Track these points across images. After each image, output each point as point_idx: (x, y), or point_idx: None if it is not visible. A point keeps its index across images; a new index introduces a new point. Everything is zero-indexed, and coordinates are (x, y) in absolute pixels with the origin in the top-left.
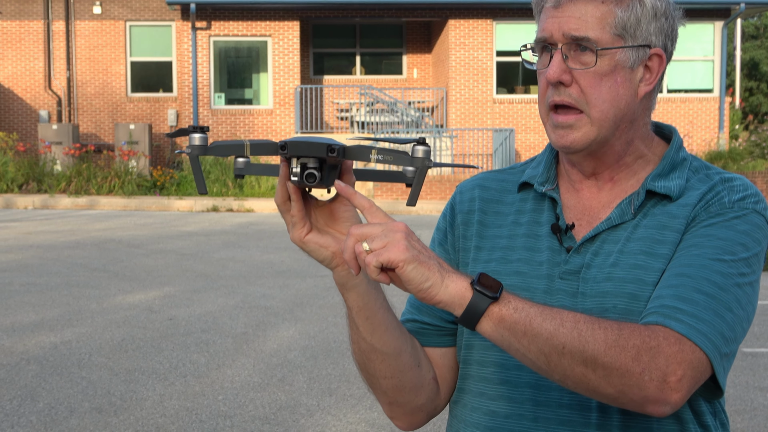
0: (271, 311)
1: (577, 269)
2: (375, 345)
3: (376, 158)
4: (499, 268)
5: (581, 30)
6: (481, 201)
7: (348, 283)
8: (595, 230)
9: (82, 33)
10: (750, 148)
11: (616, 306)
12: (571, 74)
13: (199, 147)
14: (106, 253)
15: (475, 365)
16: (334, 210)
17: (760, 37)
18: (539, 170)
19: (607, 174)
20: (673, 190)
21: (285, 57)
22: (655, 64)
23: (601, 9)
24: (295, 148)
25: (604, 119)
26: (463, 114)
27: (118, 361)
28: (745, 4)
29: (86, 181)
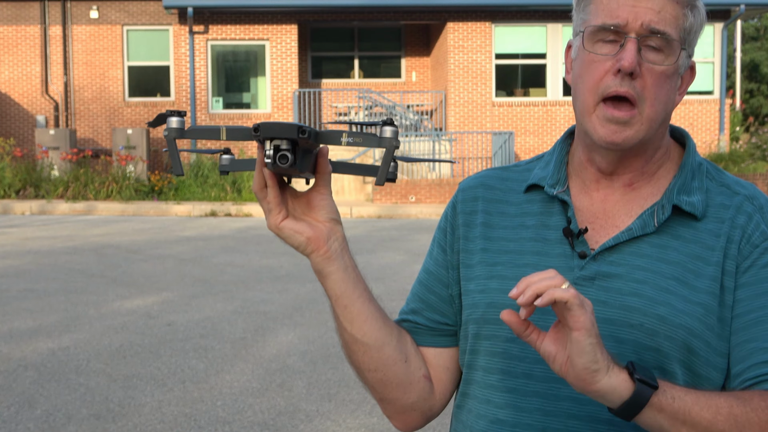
0: (270, 316)
1: (592, 276)
2: (355, 335)
3: (347, 141)
4: (506, 272)
5: (661, 24)
6: (485, 201)
7: (324, 269)
8: (614, 240)
9: (79, 37)
10: (750, 150)
11: (643, 324)
12: (641, 67)
13: (177, 130)
14: (104, 259)
15: (480, 371)
16: (310, 198)
17: (760, 38)
18: (549, 171)
19: (627, 177)
20: (698, 207)
21: (283, 61)
22: (687, 75)
23: (677, 9)
24: (267, 129)
25: (655, 120)
26: (462, 117)
27: (116, 367)
28: (745, 5)
29: (84, 187)
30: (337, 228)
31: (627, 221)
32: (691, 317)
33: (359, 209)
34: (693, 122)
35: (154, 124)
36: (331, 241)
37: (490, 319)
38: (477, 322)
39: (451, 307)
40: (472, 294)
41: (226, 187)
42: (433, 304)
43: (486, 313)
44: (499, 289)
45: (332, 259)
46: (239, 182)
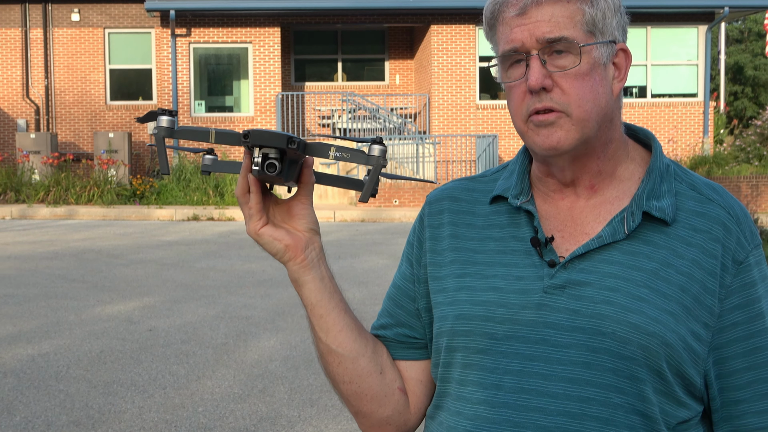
0: (252, 321)
1: (563, 284)
2: (330, 345)
3: (334, 155)
4: (474, 284)
5: (555, 31)
6: (451, 213)
7: (301, 278)
8: (585, 247)
9: (60, 41)
10: (735, 152)
11: (615, 333)
12: (551, 78)
13: (166, 129)
14: (85, 264)
15: (454, 383)
16: (291, 207)
17: (744, 41)
18: (512, 181)
19: (587, 180)
20: (668, 213)
21: (266, 64)
22: (621, 60)
23: (569, 8)
24: (257, 137)
25: (587, 118)
26: (446, 120)
27: (97, 374)
28: (729, 8)
29: (65, 191)
30: (316, 238)
31: (596, 227)
32: (664, 326)
33: (343, 213)
34: (677, 125)
35: (143, 120)
36: (309, 250)
37: (459, 330)
38: (447, 335)
39: (418, 320)
40: (442, 306)
41: (208, 191)
42: (402, 319)
43: (455, 325)
44: (468, 301)
45: (309, 268)
46: (222, 186)
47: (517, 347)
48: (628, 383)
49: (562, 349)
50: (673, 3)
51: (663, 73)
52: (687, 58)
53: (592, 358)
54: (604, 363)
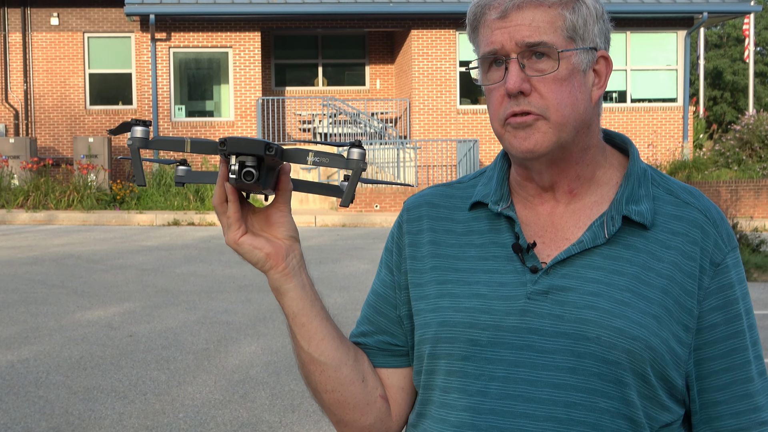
0: (233, 327)
1: (546, 290)
2: (312, 354)
3: (312, 161)
4: (457, 290)
5: (535, 36)
6: (430, 219)
7: (282, 287)
8: (566, 253)
9: (40, 45)
10: (714, 157)
11: (600, 337)
12: (530, 82)
13: (141, 140)
14: (65, 269)
15: (437, 391)
16: (270, 215)
17: (723, 46)
18: (491, 187)
19: (566, 185)
20: (647, 217)
21: (246, 68)
22: (602, 67)
23: (550, 13)
24: (234, 144)
25: (565, 123)
26: (427, 125)
27: (77, 380)
28: (708, 13)
29: (44, 196)
30: (296, 246)
31: (577, 233)
32: (647, 329)
33: (324, 218)
34: (657, 129)
35: (116, 132)
36: (290, 258)
37: (443, 337)
38: (431, 342)
39: (400, 327)
40: (424, 313)
41: (189, 196)
42: (382, 326)
43: (439, 332)
44: (452, 308)
45: (290, 277)
46: (202, 191)
47: (502, 353)
48: (614, 388)
49: (547, 355)
50: (652, 8)
51: (642, 78)
52: (666, 63)
53: (577, 363)
54: (589, 368)
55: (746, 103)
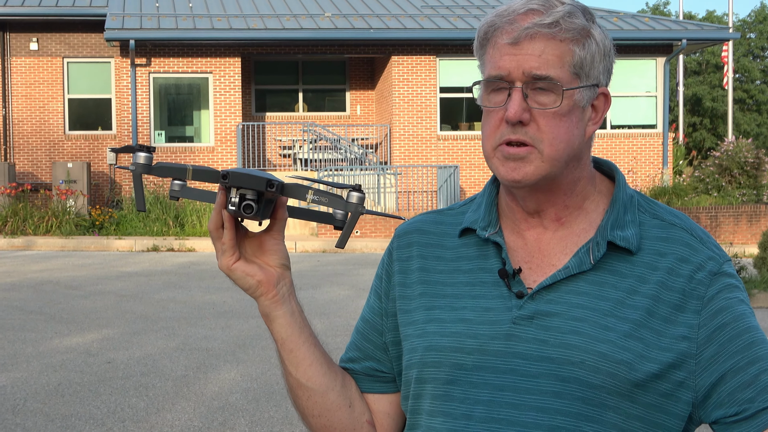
0: (213, 353)
1: (531, 315)
2: (300, 380)
3: (312, 199)
4: (444, 316)
5: (542, 69)
6: (420, 246)
7: (272, 313)
8: (552, 279)
9: (19, 70)
10: (694, 183)
11: (584, 362)
12: (530, 113)
13: (144, 165)
14: (43, 295)
15: (424, 415)
16: (263, 242)
17: (702, 72)
18: (480, 213)
19: (553, 213)
20: (632, 242)
21: (226, 94)
22: (600, 103)
23: (561, 47)
24: (236, 179)
25: (557, 158)
26: (407, 151)
27: (54, 407)
28: (687, 40)
29: (23, 221)
30: (287, 273)
31: (563, 259)
32: (632, 352)
33: (304, 243)
34: (637, 156)
35: (119, 151)
36: (281, 285)
37: (429, 362)
38: (417, 366)
39: (386, 354)
40: (411, 338)
41: (168, 222)
42: (370, 353)
43: (425, 357)
44: (437, 332)
45: (280, 303)
46: (182, 217)
47: (487, 377)
48: (598, 411)
49: (532, 379)
50: (631, 35)
51: (622, 105)
52: (646, 90)
53: (561, 388)
54: (574, 392)
55: (725, 129)
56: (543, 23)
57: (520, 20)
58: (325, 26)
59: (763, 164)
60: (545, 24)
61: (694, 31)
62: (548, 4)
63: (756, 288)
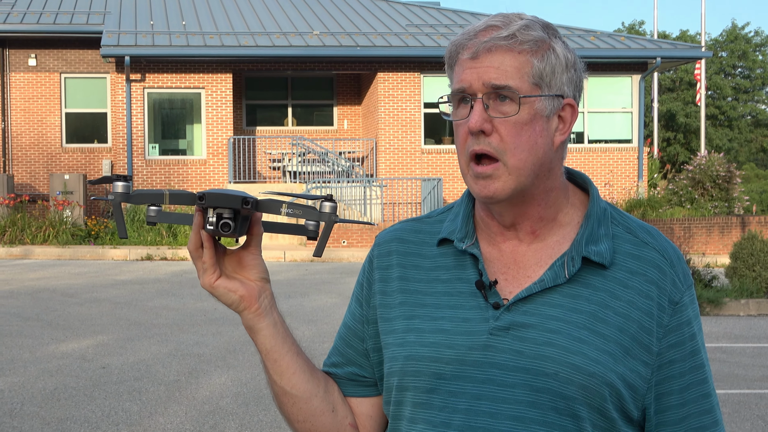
0: (204, 359)
1: (507, 326)
2: (285, 388)
3: (286, 212)
4: (423, 326)
5: (501, 79)
6: (399, 255)
7: (255, 326)
8: (527, 291)
9: (17, 85)
10: (668, 196)
11: (558, 373)
12: (492, 123)
13: (122, 194)
14: (40, 302)
15: (405, 421)
16: (242, 258)
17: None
18: (457, 224)
19: (528, 226)
20: (606, 257)
21: (218, 108)
22: (567, 114)
23: (519, 59)
24: (212, 199)
25: (523, 167)
26: (393, 164)
27: (50, 410)
28: (661, 58)
29: (21, 231)
30: (267, 286)
31: (538, 271)
32: (604, 366)
33: (292, 253)
34: (613, 169)
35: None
36: (262, 298)
37: (409, 371)
38: (398, 375)
39: (367, 360)
40: (392, 347)
41: (162, 232)
42: (351, 358)
43: (405, 366)
44: (417, 342)
45: (263, 316)
46: (175, 227)
47: (465, 387)
48: (570, 421)
49: (508, 389)
50: (608, 53)
51: (599, 120)
52: (622, 106)
53: (535, 398)
54: (547, 402)
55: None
56: (500, 36)
57: (480, 36)
58: (314, 44)
59: (734, 177)
60: (502, 37)
61: (668, 49)
62: (507, 20)
63: (727, 296)
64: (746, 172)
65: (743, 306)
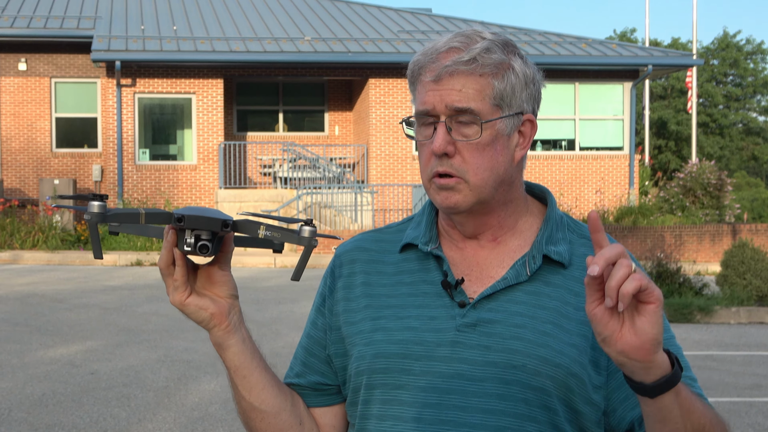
0: (193, 365)
1: (474, 323)
2: (253, 403)
3: (264, 234)
4: (390, 325)
5: (463, 102)
6: (362, 262)
7: (225, 342)
8: (491, 289)
9: (7, 89)
10: (659, 203)
11: (526, 365)
12: (454, 145)
13: (98, 215)
14: (29, 308)
15: (373, 420)
16: (211, 274)
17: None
18: (421, 230)
19: (489, 234)
20: (565, 256)
21: (209, 114)
22: (527, 129)
23: (480, 81)
24: (192, 222)
25: (483, 186)
26: (384, 170)
27: (38, 416)
28: (653, 66)
29: (10, 236)
30: (236, 303)
31: (500, 272)
32: (569, 357)
33: (283, 259)
34: (604, 177)
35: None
36: (231, 315)
37: (378, 368)
38: (366, 373)
39: (330, 367)
40: (359, 347)
41: (151, 237)
42: (314, 366)
43: (373, 363)
44: (385, 340)
45: (232, 333)
46: None
47: (434, 382)
48: (541, 412)
49: (477, 383)
50: (599, 61)
51: (590, 128)
52: (613, 113)
53: (505, 390)
54: (516, 394)
55: (689, 151)
56: (461, 60)
57: (441, 58)
58: (305, 49)
59: (725, 185)
60: (463, 61)
61: (660, 57)
62: (468, 41)
63: (718, 304)
64: (737, 180)
65: (734, 314)
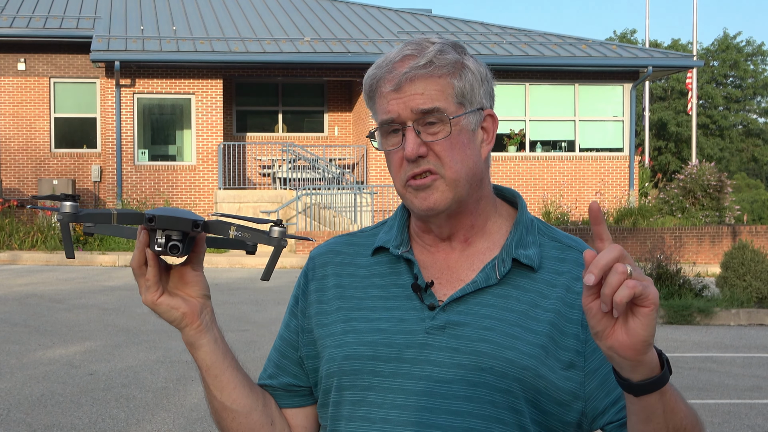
0: (192, 365)
1: (443, 325)
2: (225, 403)
3: (234, 234)
4: (360, 327)
5: (428, 103)
6: (335, 265)
7: (196, 342)
8: (461, 291)
9: (6, 89)
10: (659, 205)
11: (493, 368)
12: (426, 146)
13: (70, 214)
14: (28, 308)
15: (343, 421)
16: (184, 274)
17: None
18: (392, 234)
19: (462, 235)
20: (534, 260)
21: (208, 114)
22: (489, 124)
23: (440, 82)
24: (163, 222)
25: (458, 178)
26: (383, 171)
27: (37, 417)
28: (653, 67)
29: (8, 236)
30: (208, 302)
31: (470, 275)
32: (536, 359)
33: (281, 260)
34: (604, 178)
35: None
36: (203, 315)
37: (348, 370)
38: (337, 375)
39: (302, 369)
40: (329, 349)
41: None
42: (287, 368)
43: (343, 365)
44: (355, 342)
45: (204, 332)
46: None
47: (403, 383)
48: (508, 414)
49: (445, 384)
50: (599, 62)
51: (590, 129)
52: (613, 115)
53: (472, 392)
54: (484, 396)
55: (689, 153)
56: (418, 65)
57: (398, 67)
58: (305, 50)
59: (725, 187)
60: (420, 66)
61: (660, 58)
62: (420, 47)
63: (718, 306)
64: (737, 182)
65: (734, 316)
